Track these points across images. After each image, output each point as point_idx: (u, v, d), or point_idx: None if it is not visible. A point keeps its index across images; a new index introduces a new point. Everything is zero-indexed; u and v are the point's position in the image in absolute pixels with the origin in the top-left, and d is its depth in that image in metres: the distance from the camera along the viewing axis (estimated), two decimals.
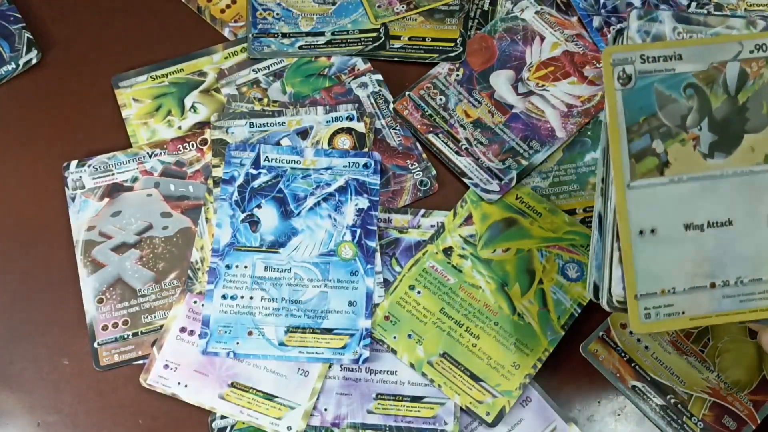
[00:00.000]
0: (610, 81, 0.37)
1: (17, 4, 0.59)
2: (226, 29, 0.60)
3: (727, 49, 0.37)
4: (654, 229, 0.37)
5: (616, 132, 0.37)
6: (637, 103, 0.37)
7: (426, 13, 0.59)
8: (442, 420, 0.49)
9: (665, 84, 0.37)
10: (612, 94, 0.37)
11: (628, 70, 0.37)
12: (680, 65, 0.37)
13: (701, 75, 0.37)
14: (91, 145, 0.56)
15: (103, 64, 0.58)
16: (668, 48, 0.37)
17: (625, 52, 0.37)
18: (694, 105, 0.37)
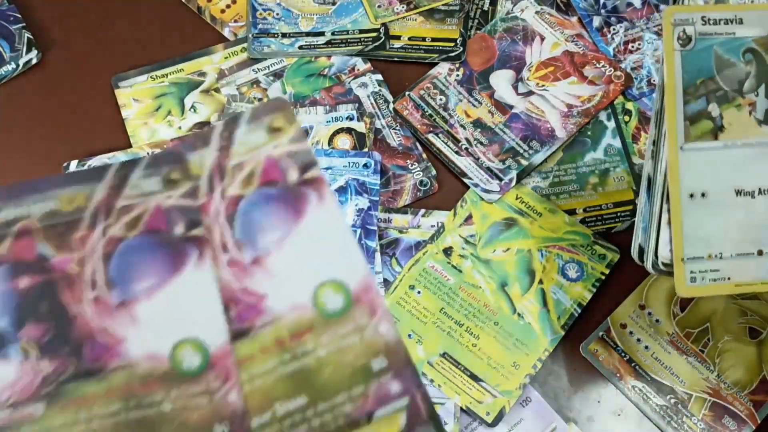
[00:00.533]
0: (670, 41, 0.36)
1: (17, 4, 0.59)
2: (226, 29, 0.60)
3: None
4: (705, 192, 0.37)
5: (673, 93, 0.36)
6: (696, 65, 0.37)
7: (426, 13, 0.59)
8: (442, 420, 0.49)
9: (724, 47, 0.37)
10: (671, 55, 0.36)
11: (688, 31, 0.36)
12: (741, 29, 0.37)
13: (761, 40, 0.37)
14: (91, 145, 0.56)
15: (103, 64, 0.58)
16: (730, 11, 0.37)
17: (687, 13, 0.37)
18: (752, 70, 0.37)
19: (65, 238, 0.24)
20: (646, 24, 0.59)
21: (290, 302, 0.24)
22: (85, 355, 0.24)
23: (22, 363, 0.24)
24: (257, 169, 0.25)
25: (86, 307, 0.24)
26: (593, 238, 0.52)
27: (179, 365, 0.24)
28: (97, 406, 0.23)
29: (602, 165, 0.55)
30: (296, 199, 0.25)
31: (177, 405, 0.23)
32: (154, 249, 0.24)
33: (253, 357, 0.24)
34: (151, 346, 0.24)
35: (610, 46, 0.58)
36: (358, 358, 0.24)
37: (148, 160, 0.24)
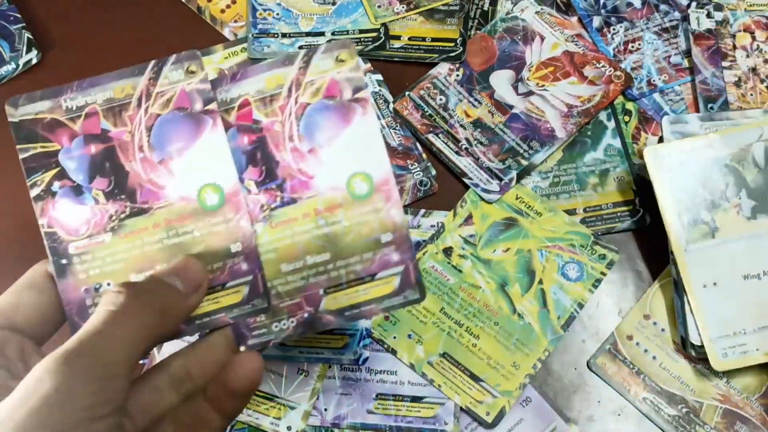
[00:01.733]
0: (656, 170, 0.46)
1: (17, 4, 0.59)
2: (226, 29, 0.60)
3: (751, 134, 0.46)
4: (715, 282, 0.44)
5: (669, 207, 0.45)
6: (683, 184, 0.46)
7: (426, 13, 0.59)
8: (442, 420, 0.49)
9: (702, 167, 0.46)
10: (659, 180, 0.46)
11: (668, 162, 0.46)
12: (712, 152, 0.46)
13: (732, 156, 0.46)
14: None
15: (103, 64, 0.58)
16: (700, 140, 0.46)
17: (663, 147, 0.47)
18: (730, 180, 0.45)
19: (120, 116, 0.34)
20: (646, 24, 0.59)
21: (330, 184, 0.33)
22: (137, 199, 0.33)
23: (93, 206, 0.33)
24: (323, 86, 0.34)
25: (136, 164, 0.33)
26: (593, 238, 0.52)
27: (204, 203, 0.33)
28: (147, 236, 0.33)
29: (602, 165, 0.55)
30: (347, 110, 0.33)
31: (203, 232, 0.33)
32: (181, 121, 0.33)
33: (296, 219, 0.33)
34: (183, 190, 0.33)
35: (610, 46, 0.58)
36: (372, 232, 0.33)
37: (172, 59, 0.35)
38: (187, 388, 0.31)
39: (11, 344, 0.30)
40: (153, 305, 0.29)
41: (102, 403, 0.26)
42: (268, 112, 0.33)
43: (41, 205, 0.33)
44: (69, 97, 0.34)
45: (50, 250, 0.33)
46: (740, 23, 0.58)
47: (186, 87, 0.34)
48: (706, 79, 0.56)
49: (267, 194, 0.33)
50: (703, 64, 0.57)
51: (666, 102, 0.56)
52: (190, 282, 0.31)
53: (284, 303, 0.33)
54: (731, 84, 0.56)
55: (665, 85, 0.57)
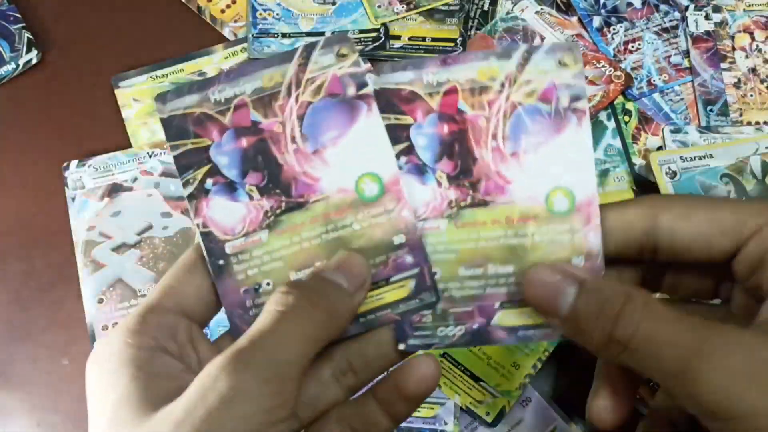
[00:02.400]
0: (660, 176, 0.49)
1: (17, 4, 0.59)
2: (226, 29, 0.60)
3: (747, 148, 0.49)
4: None
5: None
6: (686, 191, 0.48)
7: (426, 13, 0.59)
8: (442, 420, 0.49)
9: (705, 175, 0.48)
10: (664, 186, 0.49)
11: (672, 168, 0.49)
12: (713, 162, 0.49)
13: (731, 167, 0.48)
14: (91, 145, 0.56)
15: (103, 64, 0.58)
16: (701, 150, 0.49)
17: (668, 155, 0.50)
18: (731, 189, 0.47)
19: (270, 107, 0.32)
20: (646, 24, 0.59)
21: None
22: (292, 193, 0.31)
23: (247, 203, 0.31)
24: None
25: (289, 156, 0.31)
26: None
27: (362, 193, 0.31)
28: (305, 231, 0.31)
29: (602, 165, 0.55)
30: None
31: (364, 224, 0.31)
32: (334, 108, 0.31)
33: (485, 223, 0.31)
34: (340, 181, 0.31)
35: (610, 46, 0.58)
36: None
37: (321, 43, 0.31)
38: (350, 382, 0.31)
39: (181, 329, 0.29)
40: (321, 305, 0.28)
41: (279, 405, 0.25)
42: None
43: (195, 204, 0.31)
44: (217, 89, 0.32)
45: (207, 251, 0.31)
46: (739, 24, 0.58)
47: (338, 72, 0.31)
48: (705, 82, 0.56)
49: (458, 191, 0.31)
50: (702, 66, 0.57)
51: (666, 102, 0.56)
52: (354, 279, 0.29)
53: (455, 308, 0.31)
54: (731, 85, 0.56)
55: (665, 85, 0.57)
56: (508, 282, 0.31)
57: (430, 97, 0.32)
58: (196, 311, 0.30)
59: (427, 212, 0.31)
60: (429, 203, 0.31)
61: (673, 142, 0.52)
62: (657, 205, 0.28)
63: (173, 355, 0.28)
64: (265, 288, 0.31)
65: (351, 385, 0.31)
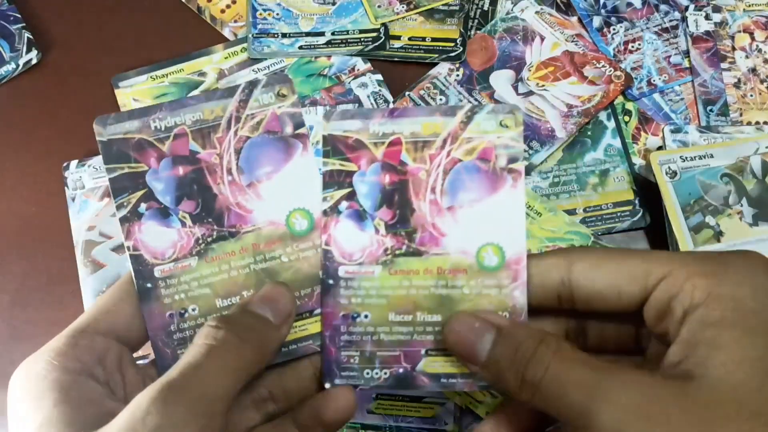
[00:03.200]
0: (660, 176, 0.48)
1: (17, 4, 0.59)
2: (226, 29, 0.60)
3: (747, 148, 0.48)
4: None
5: (674, 213, 0.47)
6: (686, 190, 0.47)
7: (426, 13, 0.59)
8: (442, 420, 0.49)
9: (705, 175, 0.48)
10: (664, 185, 0.48)
11: (673, 167, 0.48)
12: (713, 161, 0.48)
13: (731, 167, 0.48)
14: (91, 145, 0.55)
15: (103, 64, 0.58)
16: (701, 150, 0.48)
17: (669, 155, 0.49)
18: (731, 188, 0.47)
19: (209, 138, 0.33)
20: (646, 24, 0.59)
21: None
22: (224, 222, 0.33)
23: (179, 229, 0.33)
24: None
25: (224, 187, 0.33)
26: (593, 238, 0.52)
27: (293, 227, 0.33)
28: (234, 260, 0.32)
29: (602, 165, 0.55)
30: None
31: (292, 257, 0.32)
32: (271, 145, 0.33)
33: (417, 272, 0.32)
34: (272, 214, 0.33)
35: (610, 46, 0.58)
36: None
37: (263, 82, 0.33)
38: (269, 409, 0.32)
39: (111, 353, 0.29)
40: (249, 340, 0.28)
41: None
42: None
43: (127, 227, 0.32)
44: (158, 117, 0.33)
45: (135, 273, 0.32)
46: (739, 24, 0.58)
47: (277, 110, 0.33)
48: (705, 82, 0.56)
49: (395, 239, 0.32)
50: (702, 67, 0.57)
51: (666, 102, 0.56)
52: (280, 313, 0.30)
53: (382, 352, 0.32)
54: (731, 85, 0.56)
55: (665, 85, 0.57)
56: (435, 330, 0.31)
57: (375, 147, 0.33)
58: (128, 336, 0.31)
59: (364, 257, 0.32)
60: (366, 248, 0.32)
61: (673, 142, 0.52)
62: (572, 256, 0.29)
63: (99, 380, 0.28)
64: (190, 313, 0.32)
65: (270, 412, 0.32)
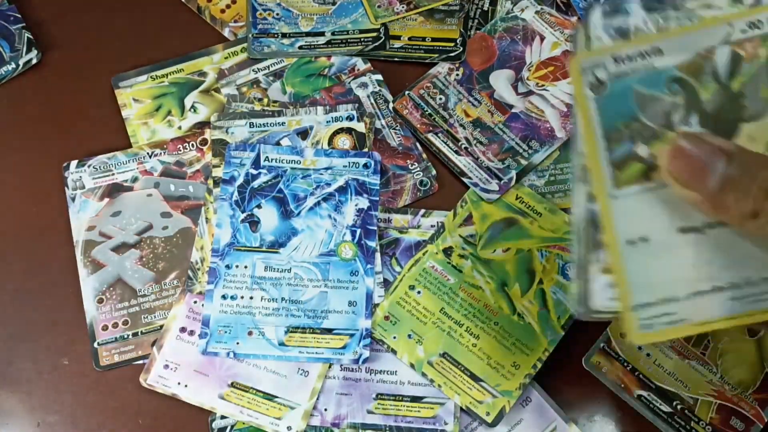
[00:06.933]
0: (580, 89, 0.32)
1: (17, 4, 0.59)
2: (226, 29, 0.60)
3: (714, 33, 0.32)
4: (645, 237, 0.33)
5: (593, 143, 0.32)
6: (614, 109, 0.32)
7: (426, 13, 0.59)
8: (442, 420, 0.49)
9: (645, 83, 0.32)
10: (584, 104, 0.32)
11: (600, 75, 0.32)
12: (661, 59, 0.32)
13: (686, 66, 0.32)
14: (91, 145, 0.56)
15: (103, 64, 0.58)
16: (645, 43, 0.32)
17: (595, 57, 0.32)
18: (680, 100, 0.32)
19: None
20: None
21: None
22: None
23: None
24: None
25: None
26: None
27: None
28: None
29: None
30: None
31: None
32: None
33: None
34: None
35: None
36: None
37: None
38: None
39: None
40: None
41: None
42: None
43: None
44: None
45: None
46: None
47: None
48: None
49: None
50: None
51: None
52: None
53: None
54: None
55: None
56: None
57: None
58: None
59: None
60: None
61: (605, 31, 0.34)
62: None
63: None
64: None
65: None
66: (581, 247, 0.34)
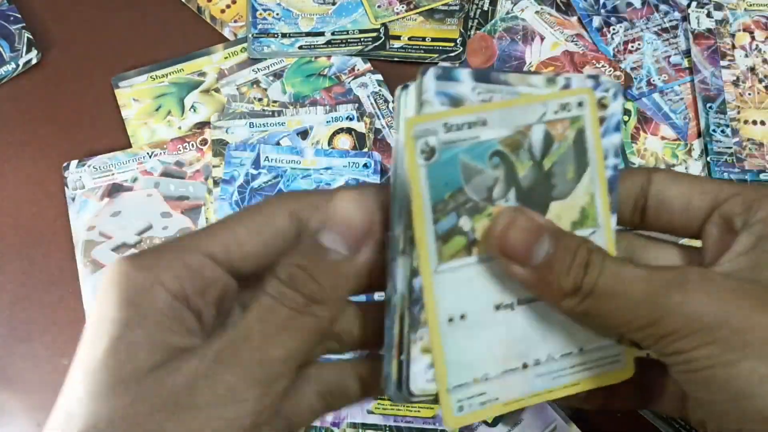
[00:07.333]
0: (413, 156, 0.30)
1: (17, 4, 0.59)
2: (226, 29, 0.60)
3: (532, 111, 0.32)
4: (464, 314, 0.32)
5: (421, 214, 0.31)
6: (443, 178, 0.31)
7: (426, 13, 0.59)
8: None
9: (470, 154, 0.31)
10: (416, 171, 0.30)
11: (431, 142, 0.31)
12: (485, 131, 0.32)
13: (507, 141, 0.32)
14: (91, 145, 0.56)
15: (103, 64, 0.58)
16: (472, 113, 0.31)
17: (428, 122, 0.31)
18: (500, 175, 0.32)
19: None
20: (646, 24, 0.59)
21: None
22: None
23: None
24: None
25: None
26: None
27: None
28: None
29: None
30: None
31: None
32: None
33: None
34: None
35: (610, 46, 0.58)
36: None
37: None
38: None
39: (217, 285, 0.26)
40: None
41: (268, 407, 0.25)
42: None
43: None
44: None
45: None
46: (740, 23, 0.58)
47: None
48: (705, 79, 0.56)
49: None
50: (703, 64, 0.57)
51: (666, 102, 0.56)
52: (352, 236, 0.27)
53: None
54: (729, 83, 0.56)
55: (665, 85, 0.57)
56: None
57: None
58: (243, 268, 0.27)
59: None
60: None
61: (437, 96, 0.31)
62: (655, 169, 0.32)
63: (194, 312, 0.26)
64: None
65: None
66: (402, 325, 0.32)
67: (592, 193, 0.32)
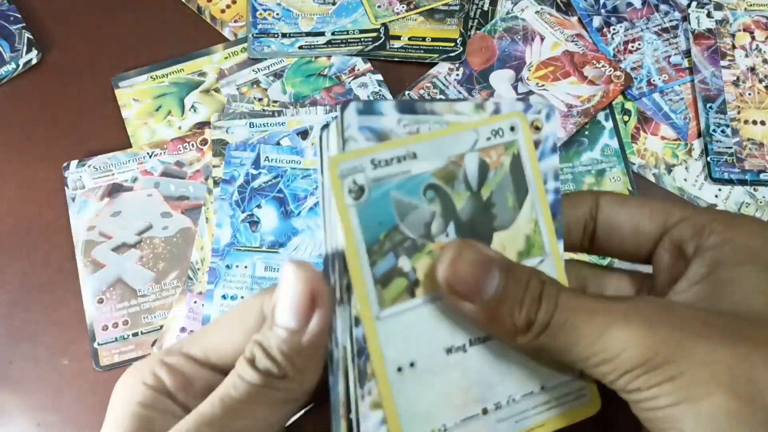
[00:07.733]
0: (341, 196, 0.29)
1: (17, 4, 0.59)
2: (226, 29, 0.60)
3: (463, 140, 0.30)
4: (413, 362, 0.30)
5: (356, 257, 0.29)
6: (376, 218, 0.29)
7: (426, 13, 0.59)
8: None
9: (403, 189, 0.29)
10: (345, 213, 0.28)
11: (359, 181, 0.29)
12: (416, 165, 0.30)
13: (440, 173, 0.30)
14: (91, 145, 0.56)
15: (103, 64, 0.59)
16: (400, 146, 0.29)
17: (354, 159, 0.29)
18: (437, 209, 0.30)
19: None
20: (646, 24, 0.59)
21: None
22: None
23: None
24: None
25: None
26: None
27: None
28: None
29: (598, 165, 0.55)
30: None
31: None
32: None
33: None
34: None
35: (610, 46, 0.58)
36: None
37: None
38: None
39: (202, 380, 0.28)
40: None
41: None
42: None
43: None
44: None
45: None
46: (740, 23, 0.58)
47: None
48: (705, 79, 0.56)
49: None
50: (703, 64, 0.57)
51: (666, 102, 0.56)
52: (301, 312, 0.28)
53: None
54: (729, 83, 0.56)
55: (665, 85, 0.57)
56: None
57: None
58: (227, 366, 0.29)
59: None
60: None
61: (361, 132, 0.29)
62: (601, 192, 0.31)
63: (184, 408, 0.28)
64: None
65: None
66: (348, 380, 0.30)
67: (536, 220, 0.30)
